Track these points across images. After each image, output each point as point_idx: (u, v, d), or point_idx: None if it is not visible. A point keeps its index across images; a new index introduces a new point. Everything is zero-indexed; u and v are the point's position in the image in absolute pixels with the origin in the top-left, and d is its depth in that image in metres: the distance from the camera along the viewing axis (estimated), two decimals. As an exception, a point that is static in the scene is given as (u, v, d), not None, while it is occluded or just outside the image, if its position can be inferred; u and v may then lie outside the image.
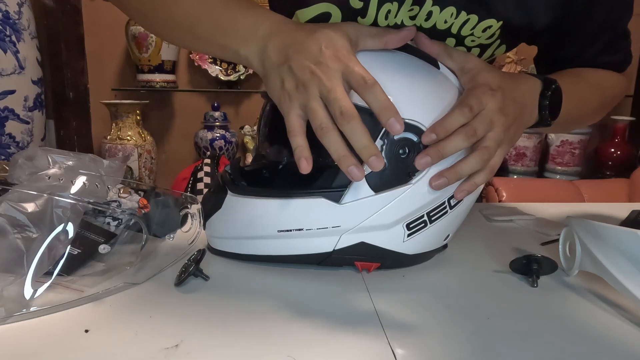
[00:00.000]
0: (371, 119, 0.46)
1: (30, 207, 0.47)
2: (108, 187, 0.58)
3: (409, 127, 0.46)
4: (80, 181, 0.53)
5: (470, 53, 0.53)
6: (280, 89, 0.46)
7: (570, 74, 0.68)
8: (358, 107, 0.45)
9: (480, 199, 0.79)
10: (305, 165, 0.44)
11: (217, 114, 2.06)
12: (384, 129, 0.46)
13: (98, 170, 0.57)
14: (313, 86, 0.44)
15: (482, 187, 0.54)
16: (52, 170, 0.54)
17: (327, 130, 0.43)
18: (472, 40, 0.57)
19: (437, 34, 0.55)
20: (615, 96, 0.74)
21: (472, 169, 0.48)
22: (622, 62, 0.72)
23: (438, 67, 0.52)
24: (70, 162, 0.56)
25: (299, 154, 0.44)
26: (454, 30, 0.55)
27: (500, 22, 0.55)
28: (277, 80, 0.46)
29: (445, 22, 0.54)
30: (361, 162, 0.44)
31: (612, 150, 2.19)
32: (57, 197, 0.48)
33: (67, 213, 0.47)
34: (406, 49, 0.51)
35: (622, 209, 0.76)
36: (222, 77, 2.06)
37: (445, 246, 0.58)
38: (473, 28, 0.55)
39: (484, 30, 0.56)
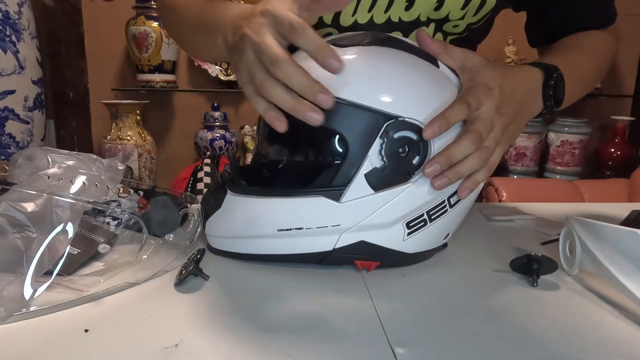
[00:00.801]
0: (370, 118, 0.46)
1: (30, 206, 0.47)
2: (107, 187, 0.58)
3: (409, 126, 0.46)
4: (79, 181, 0.53)
5: (471, 51, 0.53)
6: (234, 66, 0.47)
7: (564, 48, 0.69)
8: (356, 105, 0.46)
9: (480, 198, 0.79)
10: (279, 124, 0.43)
11: (217, 114, 2.06)
12: (383, 127, 0.46)
13: (98, 170, 0.57)
14: (247, 48, 0.44)
15: (482, 185, 0.54)
16: (52, 170, 0.54)
17: (269, 86, 0.42)
18: None
19: None
20: (609, 59, 0.74)
21: (473, 169, 0.48)
22: (612, 14, 0.73)
23: (438, 66, 0.51)
24: (70, 162, 0.56)
25: (269, 116, 0.44)
26: None
27: None
28: (232, 59, 0.48)
29: None
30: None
31: (612, 150, 2.19)
32: (56, 197, 0.48)
33: (67, 213, 0.47)
34: (407, 48, 0.51)
35: (622, 209, 0.75)
36: (222, 77, 2.06)
37: (445, 245, 0.58)
38: None
39: None
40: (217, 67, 2.07)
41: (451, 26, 0.67)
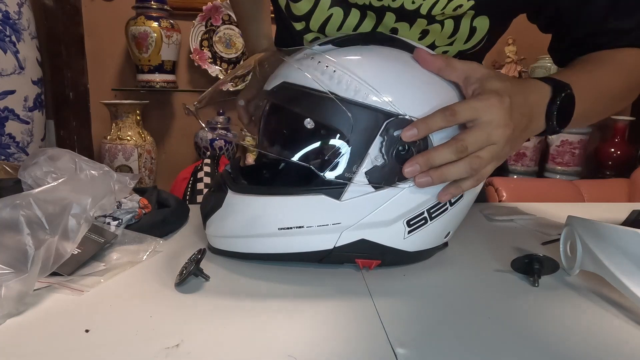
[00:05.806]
0: (371, 116, 0.46)
1: (51, 207, 0.47)
2: (118, 202, 0.59)
3: (409, 124, 0.46)
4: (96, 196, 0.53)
5: (475, 62, 0.50)
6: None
7: (586, 61, 0.62)
8: (356, 103, 0.46)
9: (480, 199, 0.79)
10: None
11: (220, 118, 2.05)
12: (383, 125, 0.46)
13: (109, 184, 0.57)
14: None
15: (482, 185, 0.54)
16: (81, 176, 0.54)
17: None
18: (442, 14, 0.57)
19: (406, 14, 0.55)
20: None
21: (459, 176, 0.47)
22: None
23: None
24: (93, 172, 0.56)
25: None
26: (424, 11, 0.55)
27: (472, 2, 0.55)
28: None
29: (413, 2, 0.54)
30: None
31: (612, 150, 2.19)
32: (75, 204, 0.48)
33: (81, 221, 0.48)
34: (406, 47, 0.51)
35: (622, 209, 0.75)
36: (221, 77, 2.06)
37: (446, 245, 0.58)
38: (444, 8, 0.55)
39: (454, 9, 0.55)
40: (217, 67, 2.07)
41: (440, 52, 0.65)
